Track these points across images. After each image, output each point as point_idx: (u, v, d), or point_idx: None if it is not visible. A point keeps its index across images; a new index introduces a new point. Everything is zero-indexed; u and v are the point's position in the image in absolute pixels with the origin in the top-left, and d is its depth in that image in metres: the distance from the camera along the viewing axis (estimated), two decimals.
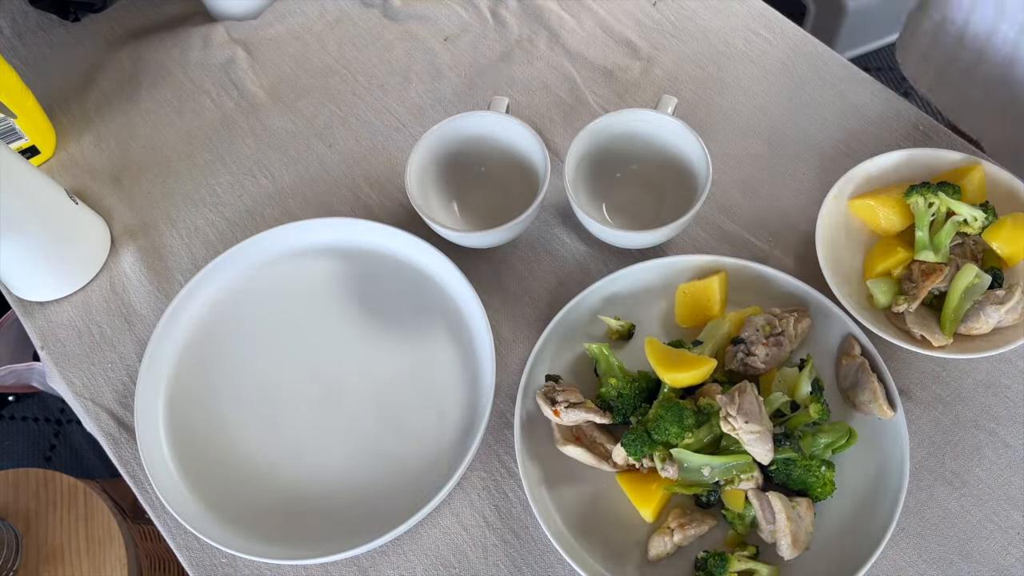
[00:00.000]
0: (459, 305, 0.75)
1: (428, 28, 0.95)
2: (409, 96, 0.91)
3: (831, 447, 0.63)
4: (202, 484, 0.70)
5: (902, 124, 0.82)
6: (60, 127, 0.92)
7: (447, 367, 0.73)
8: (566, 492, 0.66)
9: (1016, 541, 0.63)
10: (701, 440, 0.63)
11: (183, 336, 0.77)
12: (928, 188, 0.69)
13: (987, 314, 0.66)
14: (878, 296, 0.69)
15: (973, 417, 0.69)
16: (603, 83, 0.89)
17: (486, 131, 0.78)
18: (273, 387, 0.74)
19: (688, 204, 0.72)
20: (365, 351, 0.75)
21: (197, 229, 0.85)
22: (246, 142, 0.90)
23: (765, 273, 0.71)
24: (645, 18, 0.93)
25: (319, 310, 0.77)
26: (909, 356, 0.70)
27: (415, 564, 0.67)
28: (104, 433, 0.75)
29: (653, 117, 0.75)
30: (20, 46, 0.99)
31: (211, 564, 0.68)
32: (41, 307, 0.82)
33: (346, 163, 0.87)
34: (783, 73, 0.87)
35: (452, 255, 0.75)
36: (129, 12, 1.01)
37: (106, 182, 0.88)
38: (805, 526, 0.61)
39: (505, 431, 0.71)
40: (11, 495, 0.95)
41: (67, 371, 0.78)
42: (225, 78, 0.94)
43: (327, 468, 0.70)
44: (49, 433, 1.59)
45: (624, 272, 0.72)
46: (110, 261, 0.84)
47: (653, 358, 0.65)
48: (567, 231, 0.80)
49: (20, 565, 0.90)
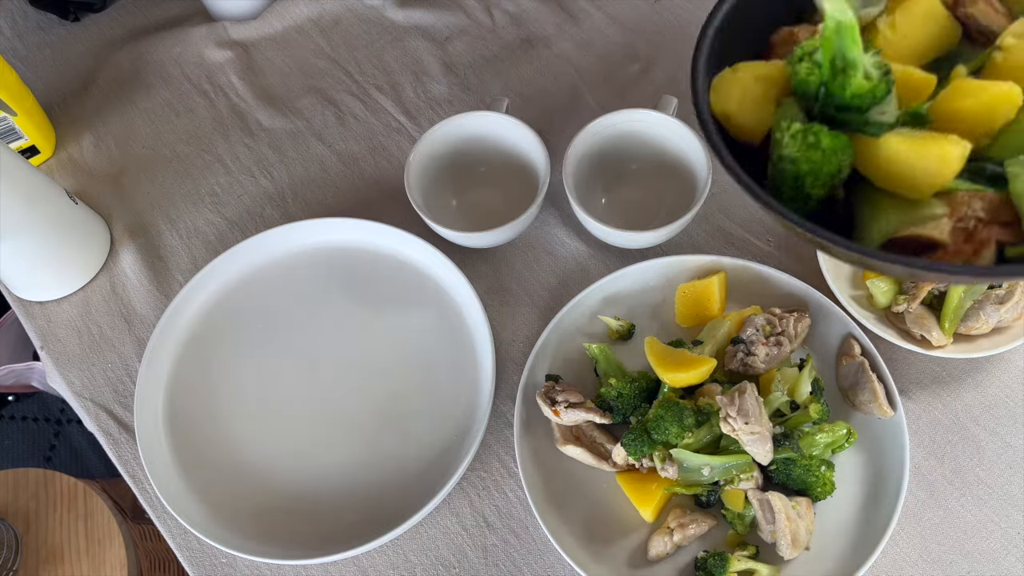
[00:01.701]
0: (459, 305, 0.75)
1: (428, 28, 0.95)
2: (409, 96, 0.91)
3: (831, 447, 0.63)
4: (202, 484, 0.70)
5: None
6: (60, 127, 0.92)
7: (447, 367, 0.73)
8: (566, 492, 0.66)
9: (1016, 541, 0.63)
10: (701, 440, 0.62)
11: (183, 336, 0.77)
12: None
13: (987, 314, 0.66)
14: (878, 296, 0.69)
15: (973, 417, 0.69)
16: (603, 83, 0.89)
17: (486, 131, 0.78)
18: (273, 387, 0.74)
19: (688, 204, 0.72)
20: (365, 351, 0.75)
21: (197, 229, 0.85)
22: (246, 142, 0.90)
23: (765, 273, 0.71)
24: (645, 18, 0.93)
25: (319, 310, 0.77)
26: (909, 356, 0.70)
27: (415, 564, 0.67)
28: (104, 433, 0.75)
29: (653, 117, 0.75)
30: (20, 46, 0.99)
31: (211, 564, 0.68)
32: (41, 307, 0.82)
33: (346, 163, 0.87)
34: None
35: (452, 255, 0.75)
36: (129, 12, 1.01)
37: (106, 182, 0.88)
38: (805, 526, 0.61)
39: (505, 431, 0.71)
40: (11, 495, 0.95)
41: (67, 371, 0.78)
42: (225, 78, 0.94)
43: (327, 468, 0.70)
44: (49, 433, 1.58)
45: (624, 272, 0.72)
46: (110, 261, 0.84)
47: (653, 358, 0.65)
48: (567, 231, 0.80)
49: (20, 565, 0.90)
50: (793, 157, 0.45)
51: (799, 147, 0.45)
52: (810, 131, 0.45)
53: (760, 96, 0.50)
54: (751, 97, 0.49)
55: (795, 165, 0.45)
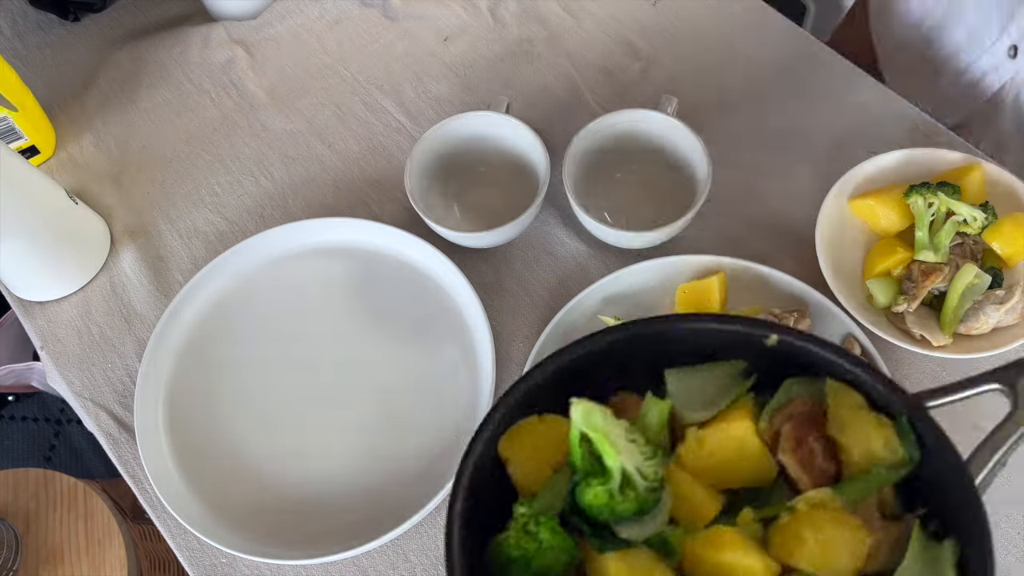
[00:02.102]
0: (459, 305, 0.75)
1: (428, 28, 0.95)
2: (409, 96, 0.91)
3: None
4: (202, 484, 0.70)
5: (902, 124, 0.82)
6: (60, 127, 0.92)
7: (447, 367, 0.73)
8: None
9: (1016, 541, 0.63)
10: None
11: (183, 336, 0.77)
12: (928, 188, 0.69)
13: (987, 314, 0.66)
14: (878, 296, 0.69)
15: (973, 418, 0.68)
16: (603, 83, 0.89)
17: (486, 131, 0.78)
18: (273, 387, 0.74)
19: (688, 204, 0.72)
20: (365, 351, 0.75)
21: (197, 229, 0.85)
22: (246, 142, 0.90)
23: (765, 273, 0.71)
24: (645, 18, 0.93)
25: (319, 310, 0.77)
26: (909, 356, 0.70)
27: (415, 564, 0.67)
28: (104, 433, 0.75)
29: (653, 117, 0.75)
30: (20, 46, 0.99)
31: (211, 564, 0.68)
32: (41, 307, 0.82)
33: (346, 163, 0.87)
34: (783, 73, 0.87)
35: (452, 255, 0.75)
36: (129, 12, 1.01)
37: (106, 182, 0.88)
38: None
39: None
40: (11, 495, 0.95)
41: (67, 371, 0.78)
42: (225, 78, 0.94)
43: (327, 468, 0.70)
44: (49, 433, 1.58)
45: (624, 272, 0.72)
46: (110, 261, 0.84)
47: None
48: (567, 231, 0.80)
49: (20, 565, 0.90)
50: (508, 541, 0.40)
51: (516, 531, 0.40)
52: (536, 519, 0.40)
53: (546, 458, 0.44)
54: (535, 454, 0.44)
55: (506, 549, 0.40)
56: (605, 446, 0.38)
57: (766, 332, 0.43)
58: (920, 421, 0.39)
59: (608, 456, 0.38)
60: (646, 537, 0.40)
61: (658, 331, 0.45)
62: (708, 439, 0.42)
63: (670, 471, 0.41)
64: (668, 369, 0.44)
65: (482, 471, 0.42)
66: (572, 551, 0.40)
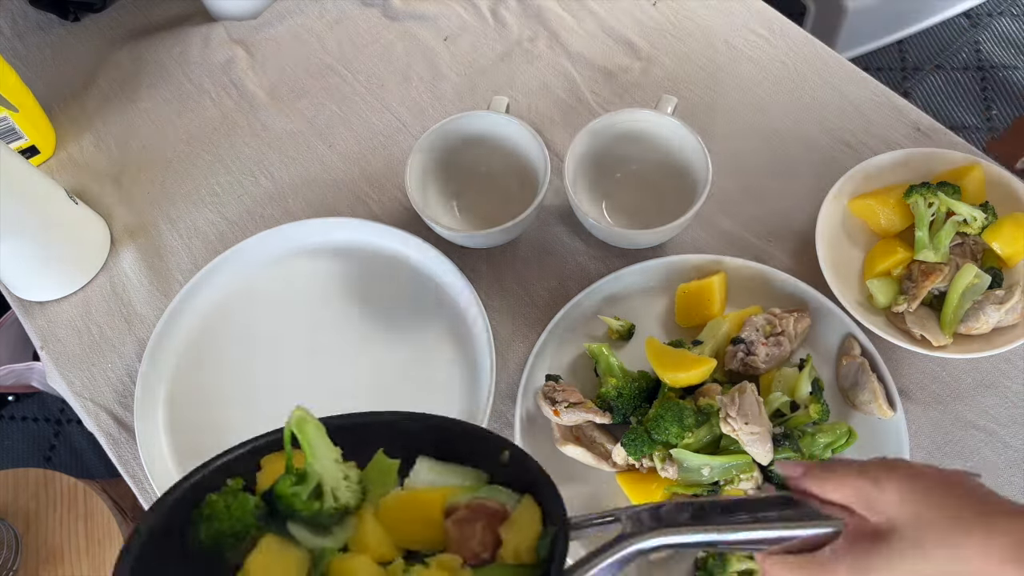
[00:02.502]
0: (459, 305, 0.75)
1: (428, 28, 0.95)
2: (409, 96, 0.91)
3: (831, 447, 0.63)
4: None
5: (902, 124, 0.82)
6: (60, 127, 0.92)
7: (447, 367, 0.73)
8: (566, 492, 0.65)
9: None
10: (700, 440, 0.62)
11: (183, 336, 0.77)
12: (928, 188, 0.69)
13: (987, 314, 0.66)
14: (878, 296, 0.69)
15: (973, 417, 0.69)
16: (603, 83, 0.89)
17: (486, 131, 0.78)
18: (273, 387, 0.74)
19: (688, 204, 0.72)
20: (365, 350, 0.75)
21: (197, 229, 0.85)
22: (246, 142, 0.90)
23: (765, 273, 0.71)
24: (645, 18, 0.93)
25: (319, 310, 0.77)
26: (909, 356, 0.70)
27: None
28: (104, 433, 0.75)
29: (653, 117, 0.75)
30: (20, 46, 0.99)
31: None
32: (41, 307, 0.82)
33: (346, 163, 0.87)
34: (783, 73, 0.87)
35: (452, 255, 0.75)
36: (129, 12, 1.01)
37: (106, 182, 0.88)
38: None
39: (505, 431, 0.71)
40: (11, 495, 0.95)
41: (67, 371, 0.78)
42: (225, 78, 0.94)
43: None
44: (49, 433, 1.58)
45: (624, 272, 0.72)
46: (110, 261, 0.84)
47: (653, 358, 0.65)
48: (567, 231, 0.80)
49: (20, 565, 0.90)
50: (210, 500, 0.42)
51: (224, 495, 0.42)
52: (235, 493, 0.42)
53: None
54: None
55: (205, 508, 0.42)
56: (308, 452, 0.43)
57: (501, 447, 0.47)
58: (558, 539, 0.43)
59: (310, 461, 0.43)
60: (312, 546, 0.43)
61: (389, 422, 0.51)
62: (403, 495, 0.46)
63: (364, 510, 0.45)
64: (422, 456, 0.49)
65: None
66: (251, 517, 0.42)
